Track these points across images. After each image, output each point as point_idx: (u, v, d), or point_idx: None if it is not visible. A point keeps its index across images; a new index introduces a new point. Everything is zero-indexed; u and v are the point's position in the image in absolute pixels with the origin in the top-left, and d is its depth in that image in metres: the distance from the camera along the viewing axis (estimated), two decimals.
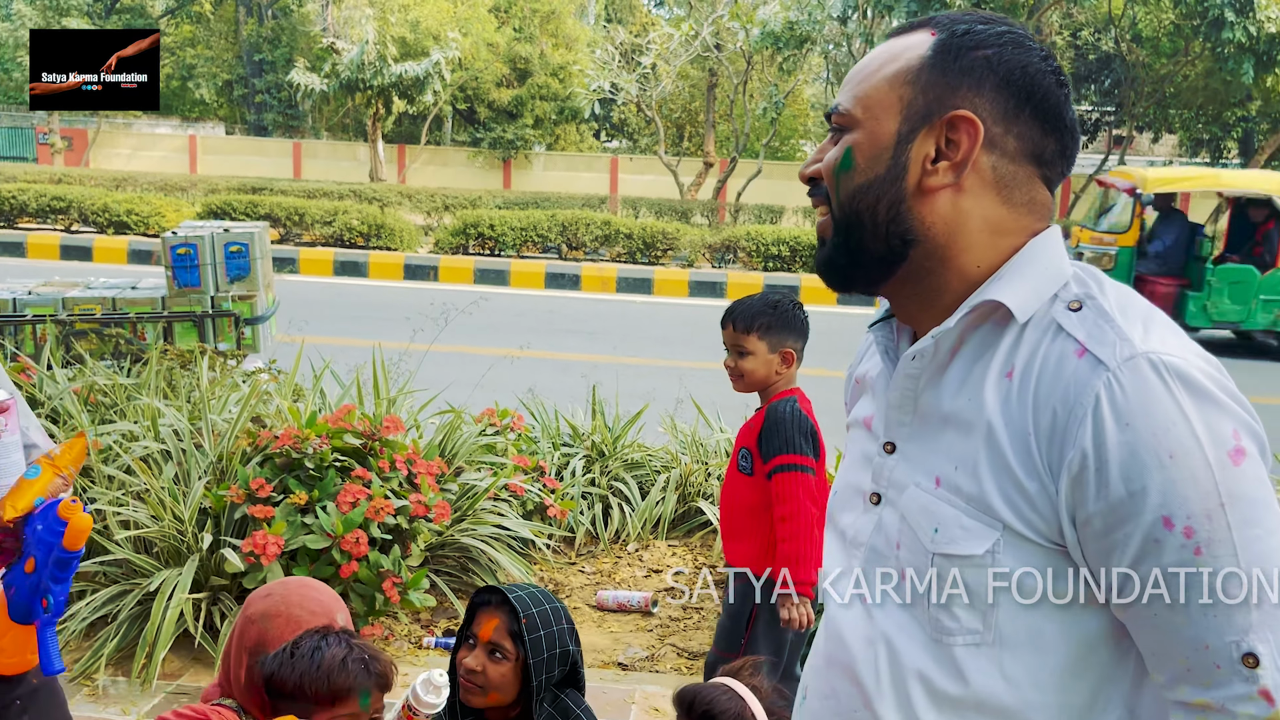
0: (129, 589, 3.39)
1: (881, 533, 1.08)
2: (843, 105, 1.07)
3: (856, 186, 1.05)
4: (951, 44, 1.03)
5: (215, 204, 14.80)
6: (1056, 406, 0.94)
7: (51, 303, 6.05)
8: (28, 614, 1.70)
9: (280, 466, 3.66)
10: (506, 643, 2.10)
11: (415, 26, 24.42)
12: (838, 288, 1.13)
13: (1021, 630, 0.99)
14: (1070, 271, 1.03)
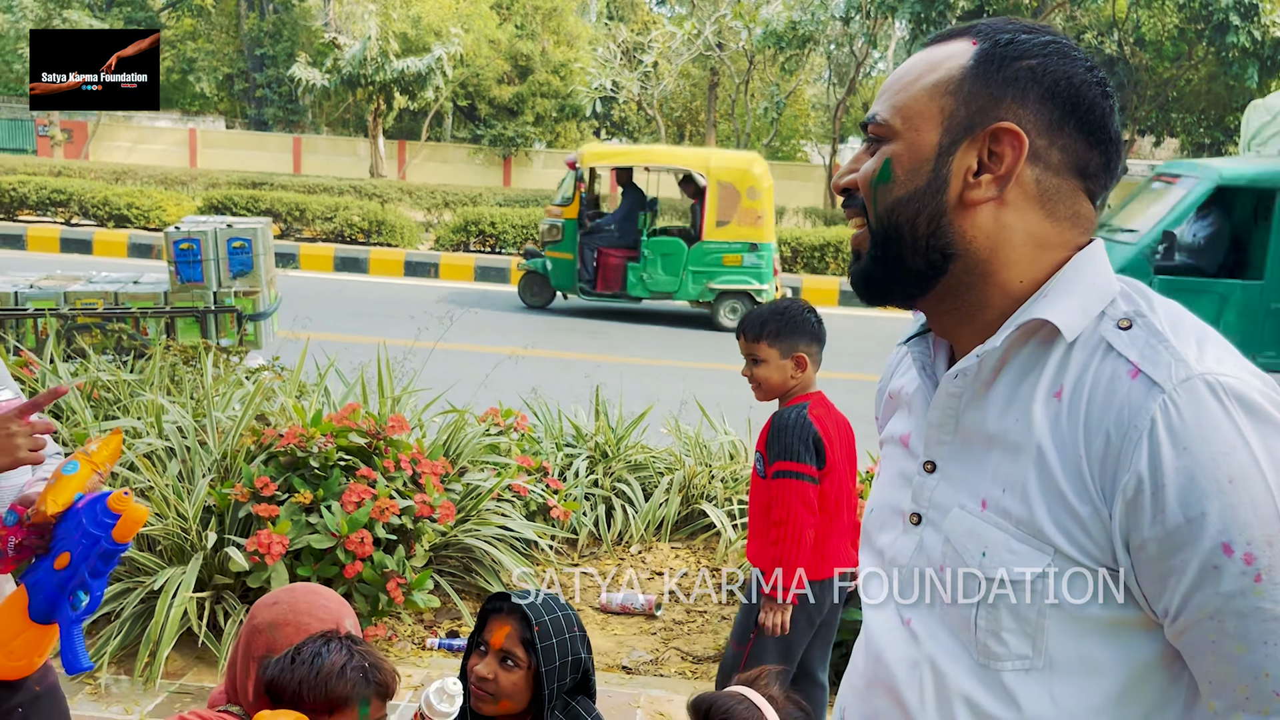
0: (132, 587, 3.37)
1: (924, 554, 1.06)
2: (880, 115, 1.04)
3: (896, 199, 1.03)
4: (995, 53, 1.00)
5: (216, 198, 14.77)
6: (1110, 429, 0.92)
7: (53, 296, 6.03)
8: (51, 612, 1.68)
9: (285, 465, 3.64)
10: (518, 650, 2.08)
11: (417, 22, 24.42)
12: (873, 301, 1.10)
13: (1073, 656, 0.97)
14: (1118, 287, 1.00)
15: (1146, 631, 0.96)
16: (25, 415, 1.68)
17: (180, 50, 33.31)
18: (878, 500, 1.16)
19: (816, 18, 18.93)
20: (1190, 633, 0.92)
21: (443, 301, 10.23)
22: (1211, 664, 0.92)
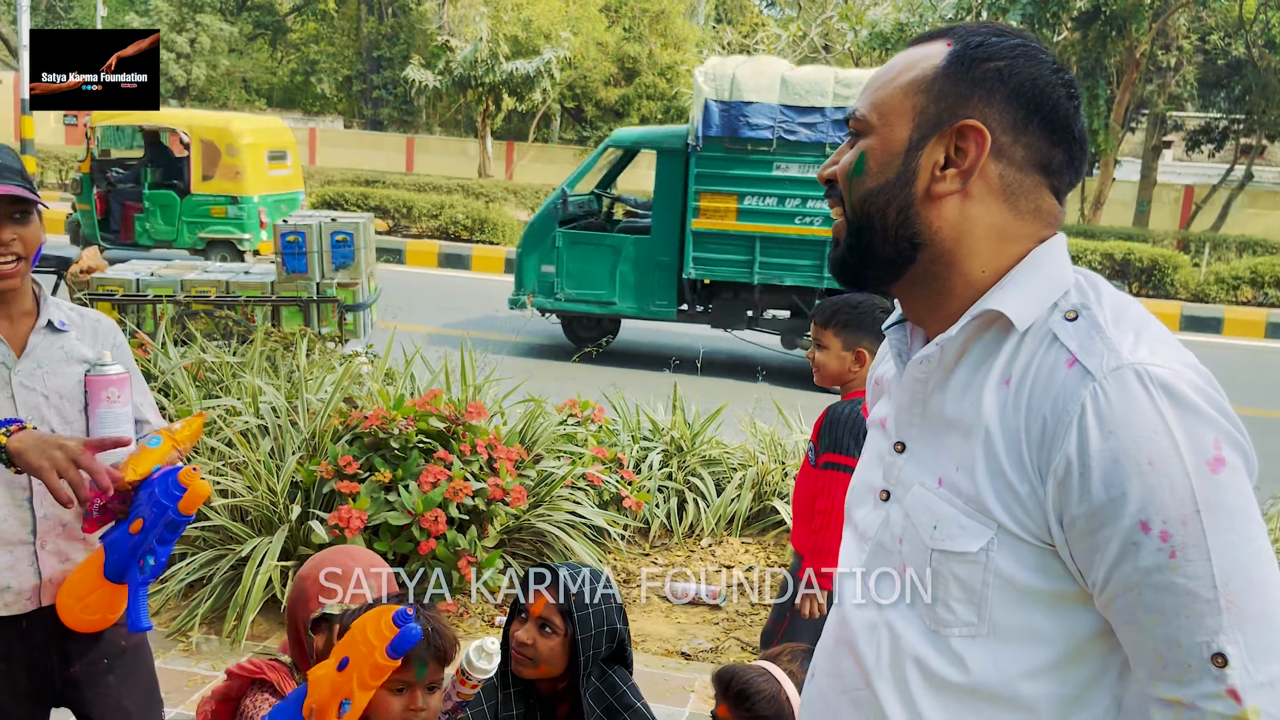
0: (224, 554, 3.61)
1: (888, 529, 1.13)
2: (860, 111, 1.11)
3: (868, 190, 1.09)
4: (965, 55, 1.07)
5: (329, 194, 15.36)
6: (1046, 414, 0.98)
7: (171, 284, 6.43)
8: (122, 573, 1.85)
9: (368, 445, 3.84)
10: (556, 618, 2.19)
11: (527, 25, 24.86)
12: (850, 285, 1.17)
13: (1015, 624, 1.03)
14: (1072, 279, 1.06)
15: (1084, 605, 1.01)
16: (89, 449, 1.74)
17: (304, 53, 34.64)
18: (859, 479, 1.23)
19: (924, 19, 18.63)
20: (1114, 605, 0.98)
21: None
22: (1133, 635, 0.98)
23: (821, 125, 8.18)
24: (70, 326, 2.02)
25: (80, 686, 2.06)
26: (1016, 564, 1.01)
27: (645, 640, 3.85)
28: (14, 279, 1.89)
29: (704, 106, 8.25)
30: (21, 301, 1.97)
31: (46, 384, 1.96)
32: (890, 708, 1.09)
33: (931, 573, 1.06)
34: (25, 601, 1.95)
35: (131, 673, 2.15)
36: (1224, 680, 0.93)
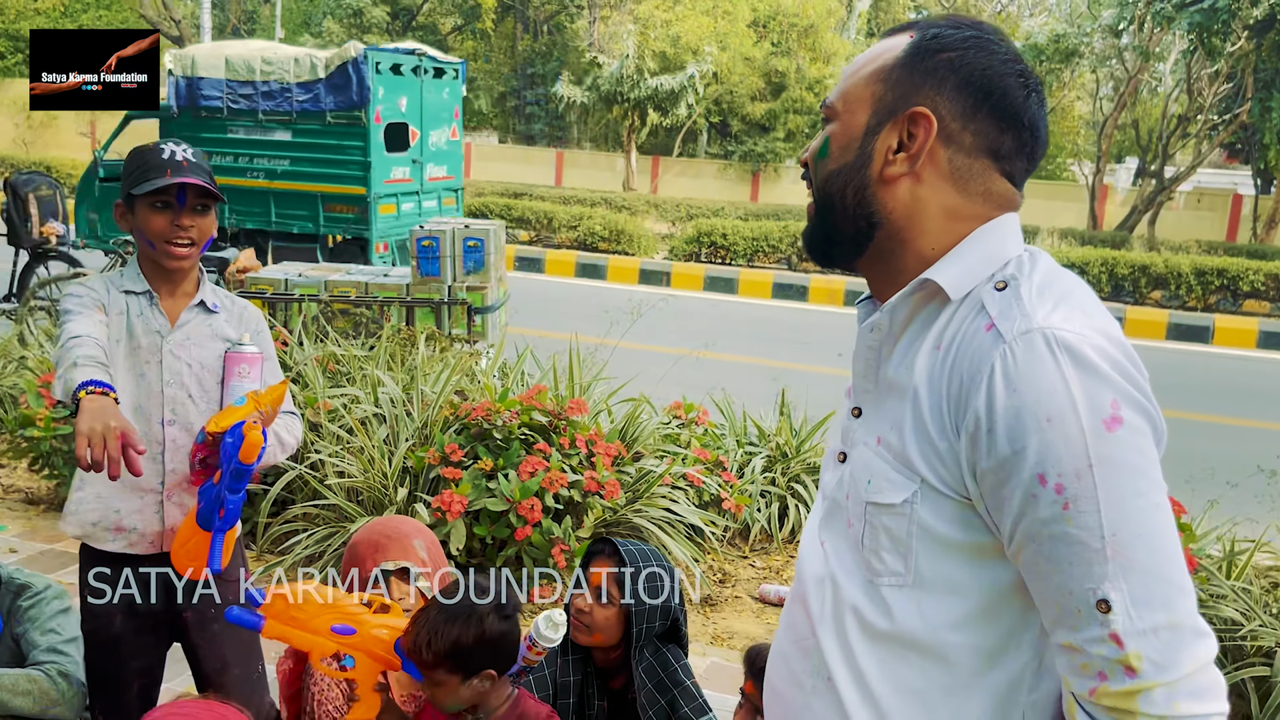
0: (337, 530, 3.87)
1: (840, 487, 1.21)
2: (830, 99, 1.20)
3: (830, 172, 1.18)
4: (921, 46, 1.14)
5: (476, 205, 15.96)
6: (964, 374, 1.05)
7: (316, 284, 6.86)
8: (209, 521, 2.08)
9: (473, 435, 4.05)
10: (613, 588, 2.32)
11: (675, 41, 25.18)
12: (819, 262, 1.26)
13: (938, 575, 1.10)
14: (1014, 254, 1.12)
15: (1000, 558, 1.08)
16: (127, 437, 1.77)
17: None
18: (828, 449, 1.33)
19: (1083, 30, 17.96)
20: (1021, 556, 1.05)
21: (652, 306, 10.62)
22: (1036, 584, 1.04)
23: (254, 96, 9.67)
24: (221, 309, 2.29)
25: (190, 630, 2.30)
26: (937, 516, 1.08)
27: (732, 637, 3.92)
28: (186, 261, 2.19)
29: (172, 83, 9.75)
30: (186, 282, 2.26)
31: (191, 354, 2.23)
32: (831, 655, 1.17)
33: (865, 524, 1.13)
34: (148, 544, 2.20)
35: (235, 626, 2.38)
36: (1108, 625, 0.98)
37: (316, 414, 4.27)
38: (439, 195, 11.08)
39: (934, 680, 1.11)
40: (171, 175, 2.10)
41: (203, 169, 2.18)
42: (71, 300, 2.14)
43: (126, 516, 2.18)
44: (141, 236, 2.17)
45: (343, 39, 28.91)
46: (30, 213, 7.96)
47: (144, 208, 2.13)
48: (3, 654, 2.21)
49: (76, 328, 2.02)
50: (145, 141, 2.28)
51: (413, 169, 10.46)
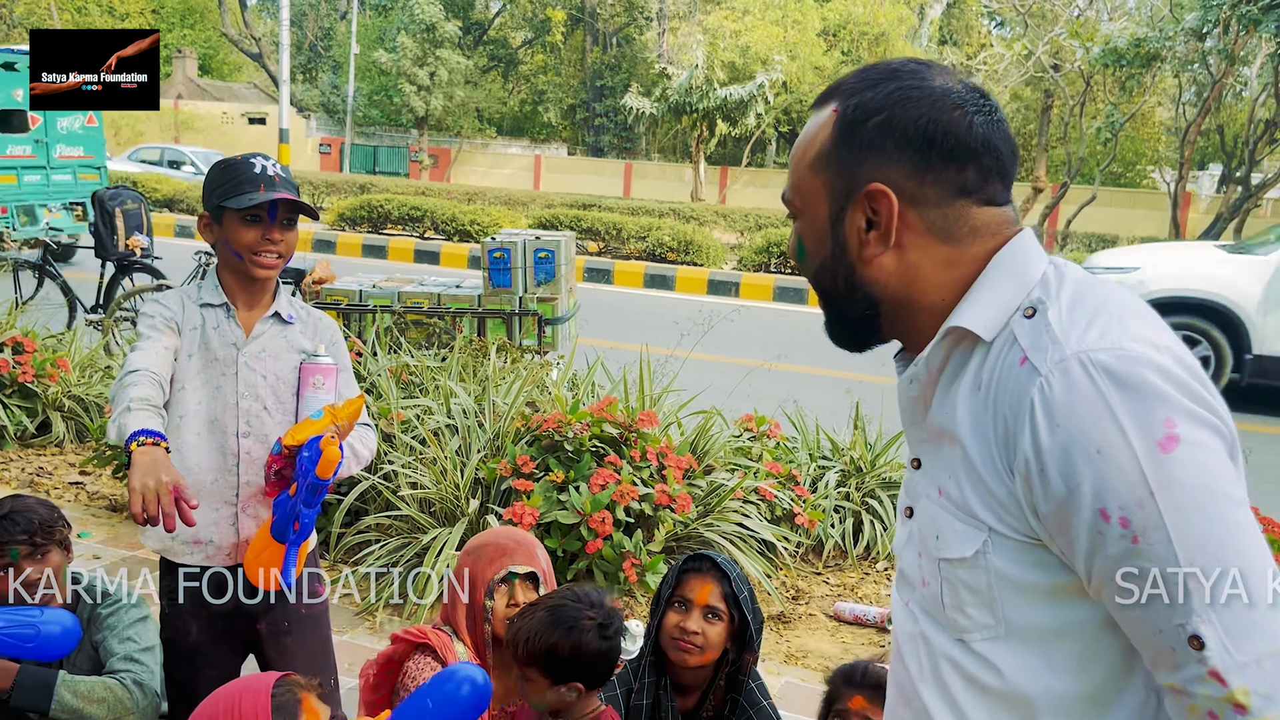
0: (409, 542, 3.88)
1: (911, 544, 1.16)
2: (787, 194, 1.16)
3: (815, 269, 1.15)
4: (847, 120, 1.08)
5: (545, 217, 16.07)
6: (1006, 415, 1.00)
7: (389, 295, 6.94)
8: (284, 533, 2.08)
9: (545, 447, 4.03)
10: (721, 605, 2.27)
11: (745, 51, 25.16)
12: (851, 349, 1.20)
13: (1029, 622, 1.03)
14: (1038, 275, 1.06)
15: (1085, 596, 1.01)
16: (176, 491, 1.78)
17: (533, 83, 36.43)
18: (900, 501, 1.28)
19: (1165, 33, 17.47)
20: (1102, 596, 0.98)
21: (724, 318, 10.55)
22: (1124, 624, 0.98)
23: None
24: (296, 320, 2.30)
25: (263, 642, 2.30)
26: (1012, 563, 1.02)
27: (807, 656, 3.83)
28: (272, 271, 2.21)
29: None
30: (264, 294, 2.27)
31: (267, 366, 2.24)
32: (938, 713, 1.12)
33: (942, 581, 1.08)
34: (224, 556, 2.21)
35: (308, 638, 2.38)
36: (1205, 662, 0.91)
37: (390, 425, 4.30)
38: (74, 170, 12.58)
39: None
40: (265, 190, 2.12)
41: (291, 183, 2.19)
42: (144, 321, 2.17)
43: (203, 529, 2.20)
44: (228, 248, 2.18)
45: (416, 54, 29.41)
46: (117, 226, 8.19)
47: (234, 220, 2.15)
48: (82, 661, 2.24)
49: (137, 360, 2.05)
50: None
51: (36, 147, 12.05)
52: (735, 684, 2.31)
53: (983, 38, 34.31)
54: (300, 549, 2.11)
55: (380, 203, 17.20)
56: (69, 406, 5.69)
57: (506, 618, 2.18)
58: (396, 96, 30.53)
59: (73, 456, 5.47)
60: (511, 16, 36.70)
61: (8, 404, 5.43)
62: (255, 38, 32.34)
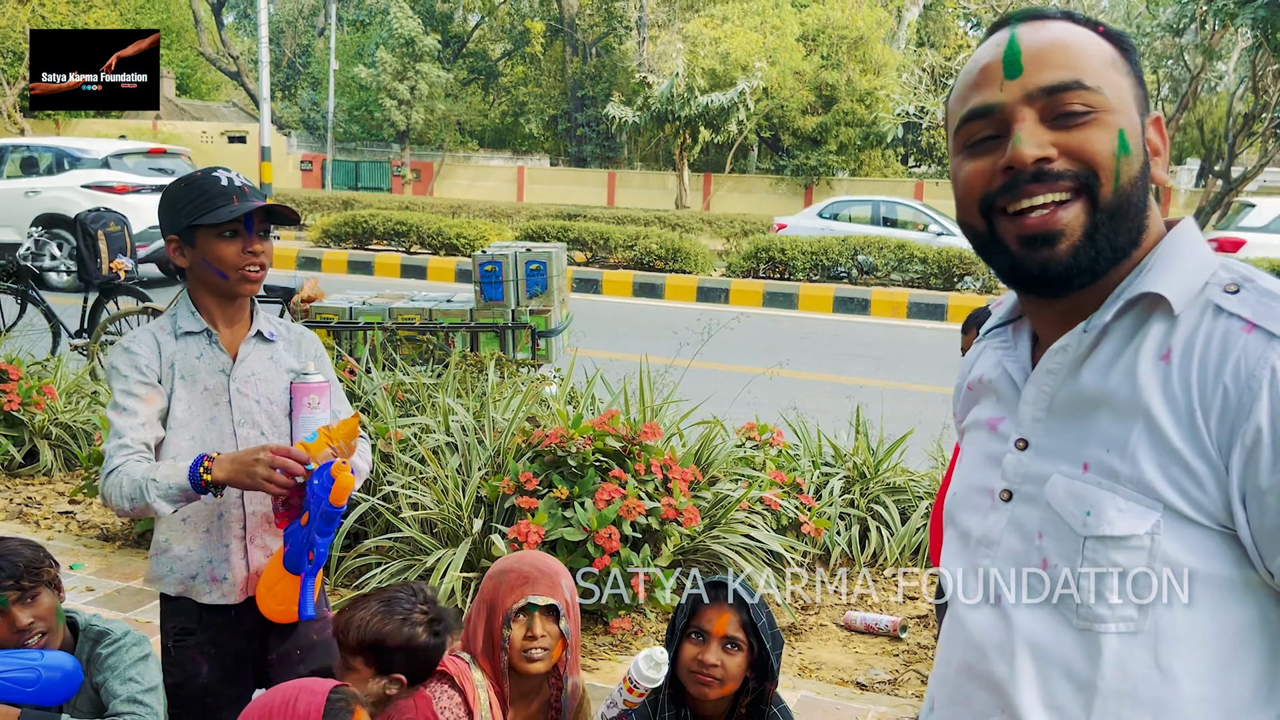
0: (412, 564, 3.80)
1: (1017, 527, 1.07)
2: (1086, 81, 1.01)
3: (1136, 172, 1.02)
4: (1124, 46, 1.05)
5: (532, 229, 16.00)
6: (1228, 383, 0.93)
7: (380, 312, 6.85)
8: (298, 565, 2.00)
9: (547, 463, 3.96)
10: (740, 634, 2.19)
11: (725, 58, 25.15)
12: (1055, 291, 1.05)
13: (1179, 618, 0.97)
14: (1219, 261, 1.03)
15: (1252, 593, 0.96)
16: (278, 453, 1.94)
17: (514, 95, 36.37)
18: (962, 483, 1.19)
19: (1142, 30, 17.56)
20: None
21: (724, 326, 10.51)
22: None
23: None
24: (278, 338, 2.22)
25: (274, 671, 2.22)
26: (1184, 548, 0.96)
27: (820, 668, 3.77)
28: (257, 285, 2.12)
29: None
30: (243, 313, 2.18)
31: (259, 390, 2.15)
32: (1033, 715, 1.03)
33: (1085, 563, 0.99)
34: (238, 592, 2.13)
35: (320, 664, 2.30)
36: None
37: (388, 444, 4.21)
38: None
39: None
40: (239, 202, 2.04)
41: (259, 192, 2.11)
42: (118, 383, 2.06)
43: (218, 566, 2.12)
44: (208, 267, 2.07)
45: (395, 68, 29.33)
46: (100, 249, 8.08)
47: (209, 238, 2.05)
48: (82, 704, 2.15)
49: (117, 451, 2.00)
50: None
51: None
52: (758, 714, 2.24)
53: (959, 39, 34.45)
54: (315, 579, 2.04)
55: (365, 218, 17.10)
56: (56, 434, 5.58)
57: (523, 649, 2.13)
58: (377, 111, 30.44)
59: (61, 485, 5.36)
60: (490, 29, 36.67)
61: None
62: (233, 56, 32.17)
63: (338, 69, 31.31)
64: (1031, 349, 1.14)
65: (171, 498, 1.93)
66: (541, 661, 2.14)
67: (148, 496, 1.92)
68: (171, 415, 2.07)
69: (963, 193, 1.08)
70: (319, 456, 1.98)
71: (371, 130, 32.34)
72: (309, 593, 2.03)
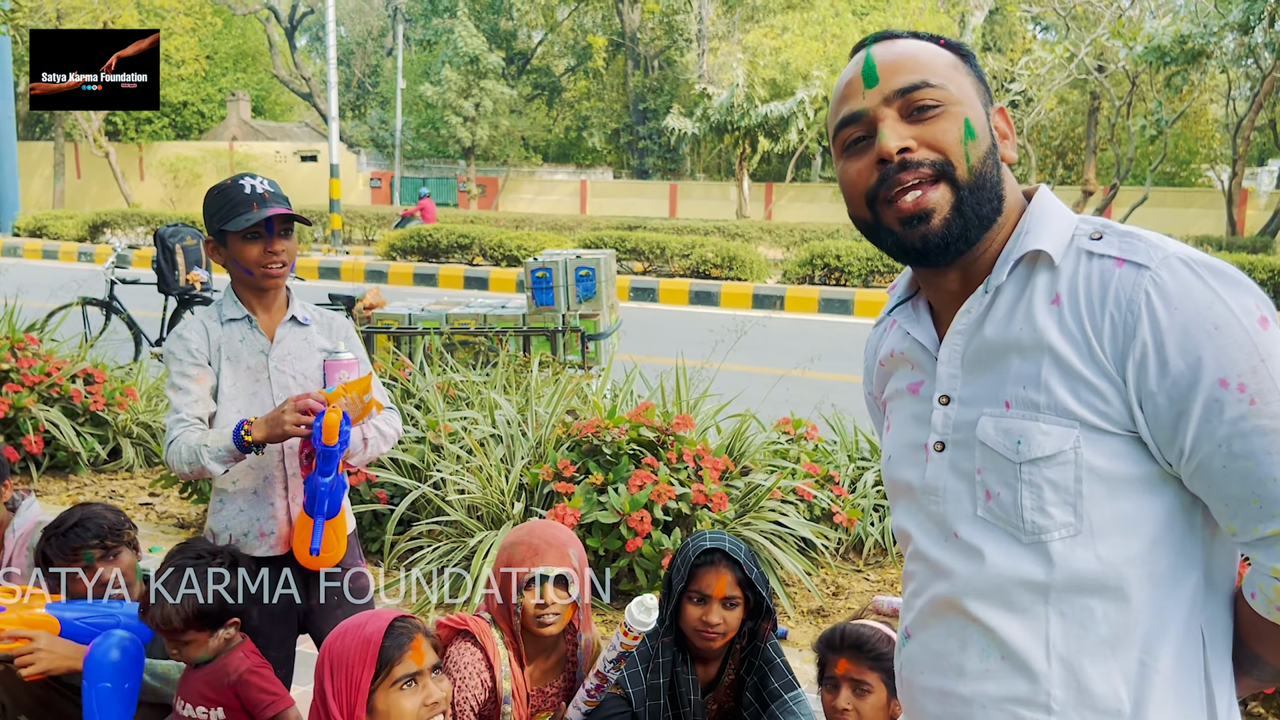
0: (458, 545, 4.05)
1: (956, 470, 1.23)
2: (931, 80, 1.20)
3: (983, 153, 1.20)
4: (963, 53, 1.26)
5: (590, 239, 16.31)
6: (1112, 311, 1.12)
7: (437, 318, 7.17)
8: (311, 507, 2.27)
9: (584, 452, 4.18)
10: (737, 592, 2.40)
11: (785, 68, 25.26)
12: (936, 260, 1.23)
13: (1109, 515, 1.14)
14: (1076, 217, 1.23)
15: (1165, 484, 1.15)
16: (298, 399, 2.24)
17: (577, 109, 36.90)
18: (895, 445, 1.35)
19: (1209, 29, 17.25)
20: (1204, 466, 1.10)
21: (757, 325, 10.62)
22: (1225, 487, 1.10)
23: None
24: (311, 321, 2.50)
25: (315, 617, 2.49)
26: (1101, 455, 1.13)
27: None
28: (280, 279, 2.42)
29: None
30: (278, 300, 2.46)
31: (295, 368, 2.43)
32: (1005, 630, 1.20)
33: (1023, 485, 1.16)
34: (282, 544, 2.41)
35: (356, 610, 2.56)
36: None
37: (438, 436, 4.48)
38: None
39: (1116, 621, 1.15)
40: (259, 209, 2.32)
41: (281, 196, 2.39)
42: (174, 366, 2.38)
43: (265, 522, 2.39)
44: (237, 266, 2.38)
45: (460, 85, 29.98)
46: (177, 262, 8.55)
47: (236, 241, 2.34)
48: (154, 651, 2.43)
49: (175, 424, 2.31)
50: None
51: None
52: (754, 649, 2.43)
53: (1026, 42, 34.05)
54: (336, 527, 2.30)
55: (429, 232, 17.59)
56: (137, 433, 5.97)
57: (536, 615, 2.33)
58: (443, 128, 31.12)
59: (142, 480, 5.74)
60: (553, 45, 37.25)
61: (81, 431, 5.73)
62: (305, 77, 33.21)
63: (405, 88, 32.11)
64: (933, 318, 1.31)
65: (221, 458, 2.24)
66: (553, 625, 2.34)
67: (202, 459, 2.23)
68: (220, 391, 2.36)
69: (849, 190, 1.25)
70: (338, 404, 2.24)
71: (438, 147, 33.07)
72: (319, 531, 2.30)
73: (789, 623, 4.03)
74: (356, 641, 1.92)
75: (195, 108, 35.79)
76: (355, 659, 1.90)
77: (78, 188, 32.62)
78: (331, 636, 1.96)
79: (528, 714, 2.40)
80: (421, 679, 1.97)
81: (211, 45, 34.95)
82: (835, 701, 2.22)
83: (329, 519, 2.32)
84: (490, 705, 2.33)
